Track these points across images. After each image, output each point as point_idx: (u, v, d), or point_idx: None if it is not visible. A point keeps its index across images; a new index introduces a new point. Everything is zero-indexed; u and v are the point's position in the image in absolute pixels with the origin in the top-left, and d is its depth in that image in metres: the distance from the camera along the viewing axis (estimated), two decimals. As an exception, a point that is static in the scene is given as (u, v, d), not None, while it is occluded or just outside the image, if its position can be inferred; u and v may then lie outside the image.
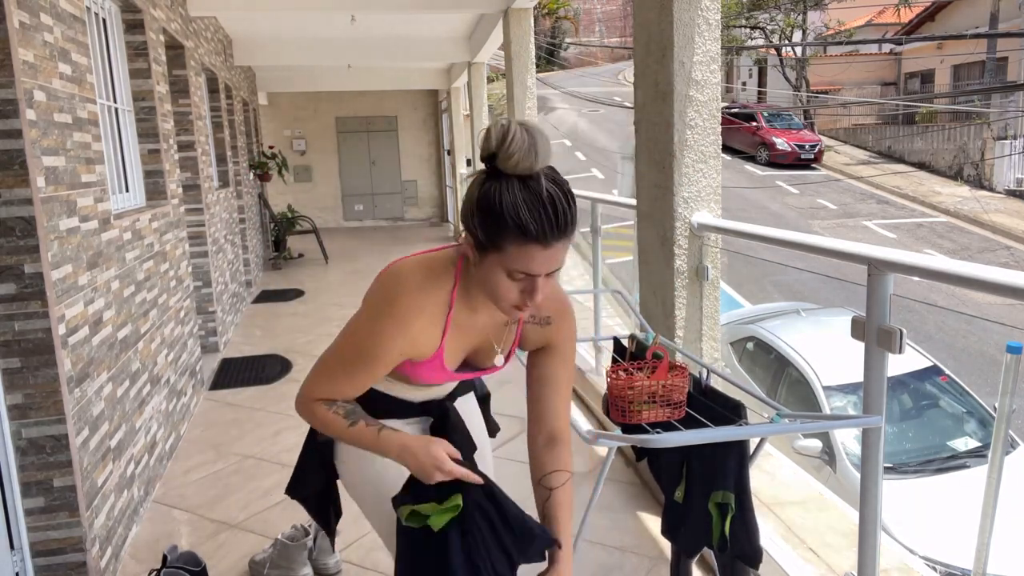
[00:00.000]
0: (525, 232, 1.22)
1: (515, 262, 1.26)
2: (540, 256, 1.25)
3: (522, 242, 1.23)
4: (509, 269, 1.27)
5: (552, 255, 1.25)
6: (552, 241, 1.24)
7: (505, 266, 1.27)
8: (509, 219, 1.22)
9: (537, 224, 1.22)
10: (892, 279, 1.76)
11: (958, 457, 4.99)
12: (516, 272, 1.27)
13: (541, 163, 1.23)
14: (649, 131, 2.89)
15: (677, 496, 1.98)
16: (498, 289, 1.30)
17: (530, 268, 1.26)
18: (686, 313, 2.84)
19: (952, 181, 19.27)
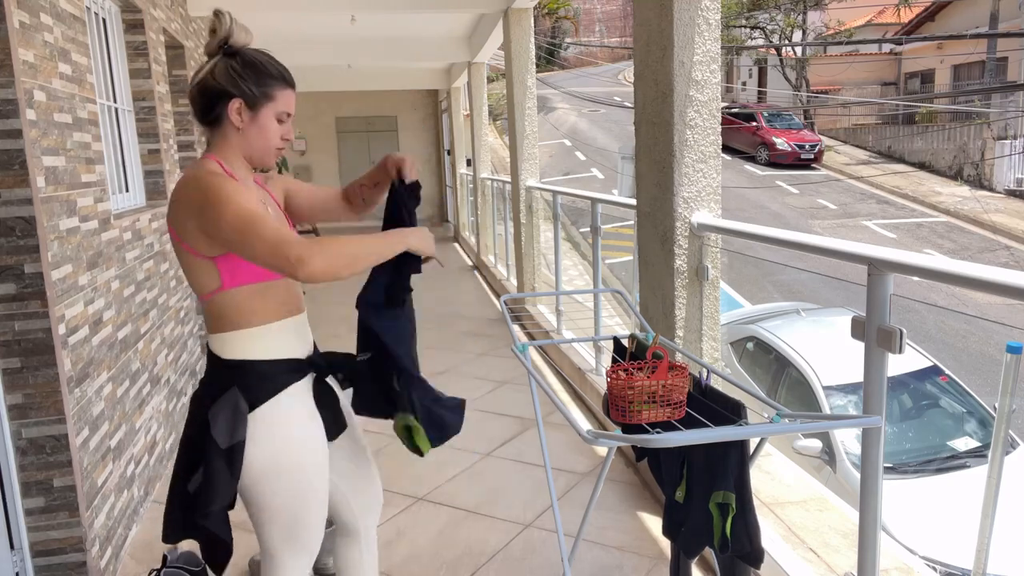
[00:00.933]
0: (285, 79, 1.64)
1: (282, 105, 1.64)
2: (292, 98, 1.66)
3: (284, 87, 1.64)
4: (279, 113, 1.64)
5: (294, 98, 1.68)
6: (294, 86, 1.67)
7: (276, 111, 1.63)
8: (272, 70, 1.62)
9: (288, 73, 1.65)
10: (892, 279, 1.76)
11: (958, 457, 4.99)
12: (283, 114, 1.65)
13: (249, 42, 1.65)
14: (649, 131, 2.89)
15: (678, 496, 1.98)
16: (270, 135, 1.64)
17: (290, 108, 1.66)
18: (686, 313, 2.84)
19: (952, 181, 19.27)
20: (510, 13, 6.52)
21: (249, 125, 1.62)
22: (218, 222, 1.48)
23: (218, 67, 1.59)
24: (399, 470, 3.54)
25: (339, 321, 6.78)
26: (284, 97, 1.64)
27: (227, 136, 1.63)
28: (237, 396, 1.58)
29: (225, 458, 1.55)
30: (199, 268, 1.57)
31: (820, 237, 2.21)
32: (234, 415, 1.56)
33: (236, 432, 1.56)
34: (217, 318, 1.61)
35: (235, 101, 1.59)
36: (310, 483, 1.66)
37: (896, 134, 22.94)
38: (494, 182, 8.92)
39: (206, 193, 1.50)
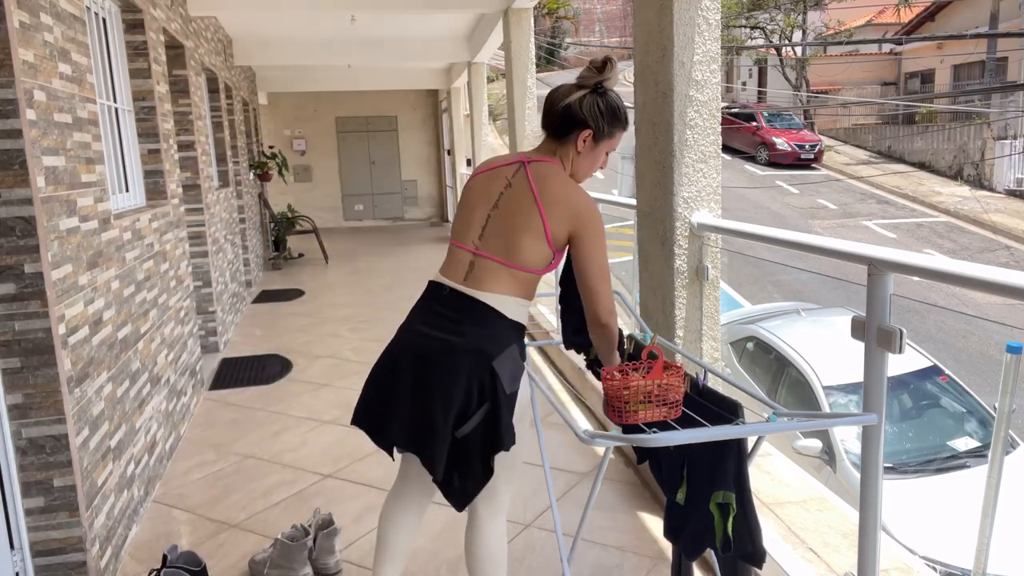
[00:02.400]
0: (626, 124, 2.00)
1: (613, 143, 2.00)
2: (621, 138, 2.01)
3: (622, 131, 1.99)
4: (608, 149, 2.01)
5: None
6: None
7: (607, 148, 2.00)
8: (623, 117, 1.98)
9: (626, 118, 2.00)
10: (892, 279, 1.76)
11: (958, 457, 4.99)
12: (609, 150, 2.01)
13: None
14: (649, 131, 2.89)
15: (679, 498, 1.97)
16: (598, 163, 2.02)
17: (614, 146, 2.01)
18: (686, 313, 2.84)
19: (952, 181, 19.27)
20: (510, 13, 6.52)
21: (588, 152, 1.97)
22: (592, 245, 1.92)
23: (586, 100, 1.93)
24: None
25: (340, 321, 6.79)
26: (617, 137, 2.00)
27: (568, 153, 1.98)
28: (516, 350, 1.92)
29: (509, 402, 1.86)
30: (541, 248, 1.91)
31: (820, 237, 2.21)
32: (516, 367, 1.90)
33: (516, 380, 1.89)
34: (519, 285, 1.94)
35: (587, 131, 1.94)
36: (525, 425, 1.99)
37: (896, 134, 22.93)
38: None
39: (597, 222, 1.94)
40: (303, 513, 3.14)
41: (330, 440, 3.96)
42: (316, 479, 3.50)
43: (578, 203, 1.91)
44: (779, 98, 27.88)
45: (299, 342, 6.02)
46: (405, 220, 15.38)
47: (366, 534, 2.95)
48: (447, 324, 1.91)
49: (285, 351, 5.75)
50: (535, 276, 1.94)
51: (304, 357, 5.58)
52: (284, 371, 5.26)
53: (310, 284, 8.77)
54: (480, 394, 1.83)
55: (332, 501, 3.26)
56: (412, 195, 15.35)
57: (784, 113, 24.16)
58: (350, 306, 7.45)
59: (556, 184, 1.92)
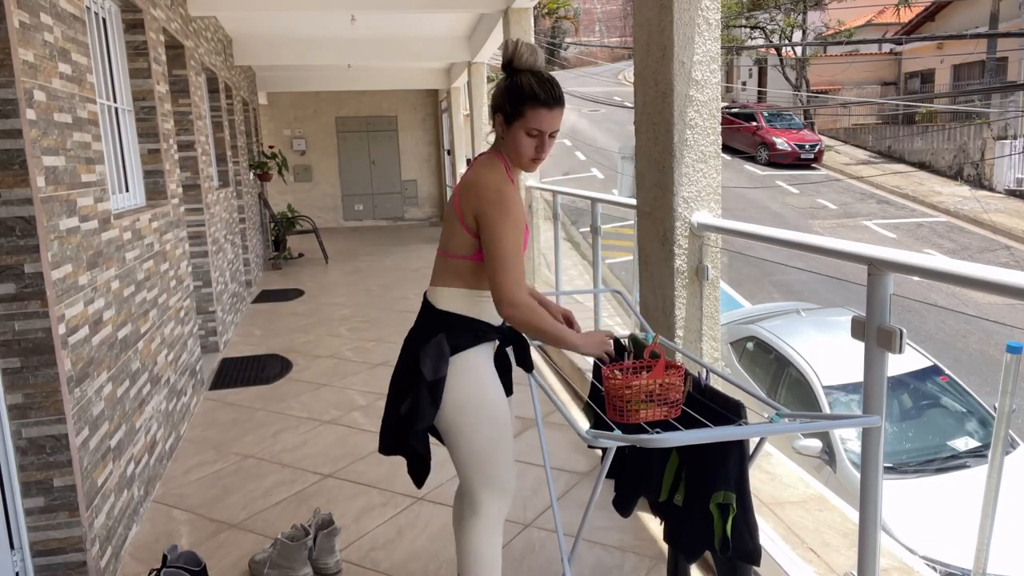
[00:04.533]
0: (536, 98, 1.87)
1: (531, 122, 1.88)
2: (546, 116, 1.88)
3: (535, 106, 1.87)
4: (528, 129, 1.89)
5: (553, 117, 1.90)
6: (552, 105, 1.88)
7: (525, 127, 1.89)
8: (528, 91, 1.87)
9: (544, 94, 1.87)
10: (892, 279, 1.76)
11: (958, 457, 4.99)
12: (532, 130, 1.89)
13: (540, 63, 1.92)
14: (649, 131, 2.89)
15: (677, 500, 1.97)
16: (521, 147, 1.91)
17: (540, 125, 1.89)
18: (686, 313, 2.84)
19: (952, 181, 19.26)
20: (510, 13, 6.52)
21: (506, 136, 1.94)
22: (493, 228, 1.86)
23: (497, 86, 1.94)
24: (399, 470, 3.54)
25: (340, 321, 6.79)
26: (534, 115, 1.88)
27: (498, 142, 1.98)
28: (442, 340, 1.93)
29: (429, 389, 1.90)
30: (462, 236, 1.93)
31: (820, 237, 2.21)
32: (438, 355, 1.91)
33: (439, 369, 1.91)
34: (453, 274, 1.96)
35: (498, 115, 1.93)
36: (497, 423, 1.99)
37: (896, 134, 22.93)
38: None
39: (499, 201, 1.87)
40: (303, 513, 3.14)
41: (330, 440, 3.96)
42: (316, 479, 3.50)
43: (481, 185, 1.90)
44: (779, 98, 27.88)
45: (299, 342, 6.02)
46: (405, 220, 15.38)
47: (366, 534, 2.96)
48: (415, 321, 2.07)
49: (285, 351, 5.75)
50: (466, 263, 1.94)
51: (304, 357, 5.58)
52: (284, 371, 5.26)
53: (310, 284, 8.77)
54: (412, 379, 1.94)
55: (332, 501, 3.26)
56: (412, 195, 15.35)
57: (784, 113, 24.16)
58: (350, 306, 7.45)
59: (471, 170, 1.96)
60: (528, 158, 1.93)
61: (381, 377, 4.97)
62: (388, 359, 5.36)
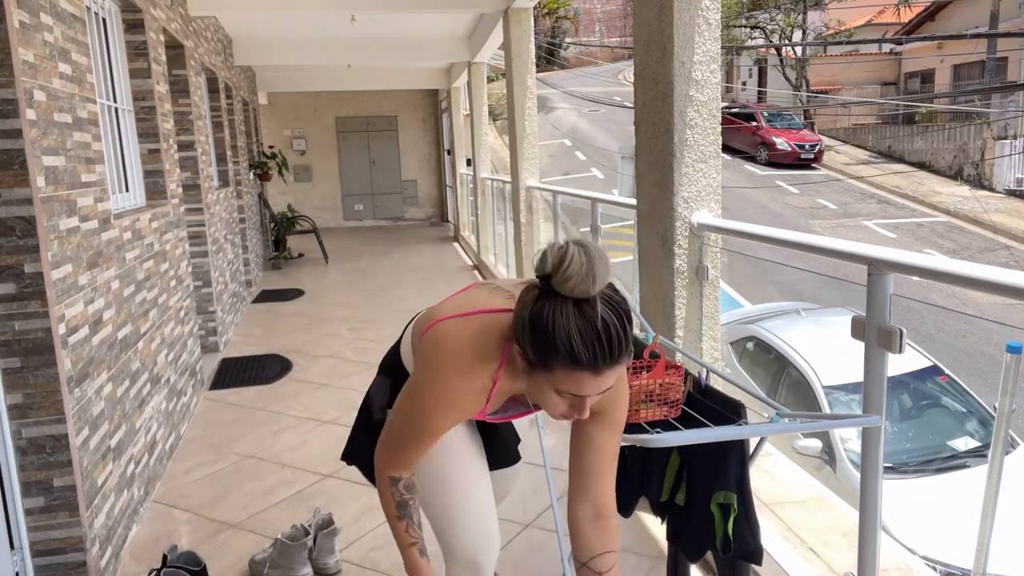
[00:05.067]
0: (576, 361, 1.23)
1: (564, 384, 1.27)
2: (590, 382, 1.26)
3: (572, 369, 1.24)
4: (558, 389, 1.29)
5: (603, 381, 1.26)
6: (603, 370, 1.24)
7: (553, 385, 1.29)
8: (561, 346, 1.22)
9: (589, 354, 1.22)
10: (892, 279, 1.76)
11: (958, 457, 4.99)
12: (564, 392, 1.29)
13: (598, 287, 1.21)
14: (649, 131, 2.89)
15: (679, 499, 1.97)
16: (545, 401, 1.34)
17: (580, 391, 1.28)
18: (686, 313, 2.84)
19: (952, 181, 19.26)
20: (510, 13, 6.51)
21: (526, 374, 1.33)
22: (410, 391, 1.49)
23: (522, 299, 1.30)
24: (399, 470, 3.54)
25: (340, 321, 6.79)
26: (569, 378, 1.26)
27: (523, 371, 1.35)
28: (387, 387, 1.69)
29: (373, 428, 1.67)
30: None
31: (820, 237, 2.21)
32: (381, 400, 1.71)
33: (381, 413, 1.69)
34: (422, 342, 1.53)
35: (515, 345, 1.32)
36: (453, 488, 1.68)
37: (896, 134, 22.93)
38: (494, 182, 8.92)
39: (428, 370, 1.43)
40: (303, 513, 3.14)
41: (330, 440, 3.96)
42: (316, 479, 3.50)
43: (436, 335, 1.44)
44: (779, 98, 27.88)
45: (299, 342, 6.02)
46: (405, 220, 15.38)
47: (366, 534, 2.96)
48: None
49: (285, 351, 5.75)
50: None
51: (304, 357, 5.58)
52: (284, 371, 5.26)
53: (310, 284, 8.77)
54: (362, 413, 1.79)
55: (332, 501, 3.26)
56: (412, 195, 15.35)
57: (784, 113, 24.16)
58: (350, 306, 7.45)
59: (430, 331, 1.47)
60: (557, 413, 1.35)
61: (381, 377, 4.97)
62: (388, 359, 5.35)
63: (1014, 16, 20.44)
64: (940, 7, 23.97)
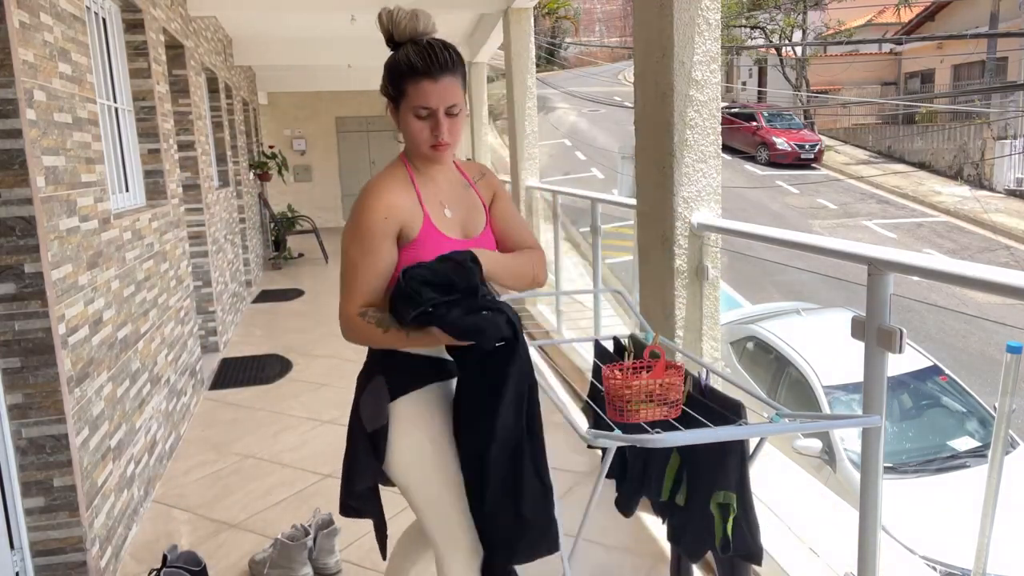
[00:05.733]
0: (414, 70, 1.53)
1: (415, 99, 1.55)
2: (432, 90, 1.54)
3: (415, 79, 1.53)
4: (414, 107, 1.55)
5: (443, 89, 1.54)
6: (436, 74, 1.54)
7: (411, 108, 1.56)
8: (403, 64, 1.55)
9: (423, 62, 1.53)
10: (892, 279, 1.76)
11: (958, 457, 4.99)
12: (419, 108, 1.55)
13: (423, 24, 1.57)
14: (649, 131, 2.89)
15: (679, 500, 1.97)
16: (414, 133, 1.58)
17: (428, 102, 1.55)
18: (686, 313, 2.84)
19: (952, 181, 19.26)
20: (510, 13, 6.51)
21: (397, 124, 1.63)
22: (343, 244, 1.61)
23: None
24: (399, 470, 3.54)
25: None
26: (416, 90, 1.55)
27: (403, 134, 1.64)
28: (382, 385, 1.65)
29: (368, 441, 1.65)
30: None
31: (820, 237, 2.21)
32: (377, 403, 1.65)
33: (378, 418, 1.64)
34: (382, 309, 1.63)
35: (389, 104, 1.63)
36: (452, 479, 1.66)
37: (896, 134, 22.93)
38: (494, 182, 8.91)
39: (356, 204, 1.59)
40: (303, 513, 3.14)
41: (330, 440, 3.96)
42: (316, 479, 3.50)
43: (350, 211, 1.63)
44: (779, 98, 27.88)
45: (299, 342, 6.02)
46: (405, 220, 15.36)
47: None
48: None
49: (285, 351, 5.75)
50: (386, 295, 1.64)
51: (304, 357, 5.58)
52: (284, 371, 5.26)
53: (310, 284, 8.77)
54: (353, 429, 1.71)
55: (332, 501, 3.24)
56: (412, 195, 15.35)
57: (784, 113, 24.16)
58: (350, 306, 7.45)
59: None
60: (426, 145, 1.59)
61: (381, 377, 4.97)
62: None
63: (1014, 16, 20.44)
64: (940, 7, 23.97)
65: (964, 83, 22.90)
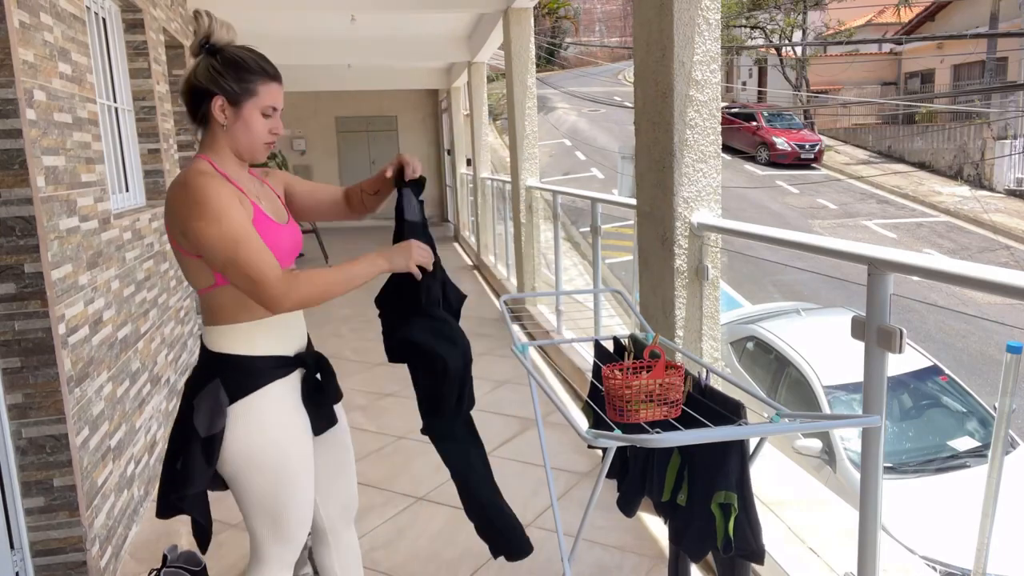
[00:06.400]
0: (267, 74, 1.67)
1: (266, 99, 1.66)
2: (278, 92, 1.70)
3: (268, 82, 1.66)
4: (263, 107, 1.66)
5: (281, 93, 1.71)
6: (280, 80, 1.71)
7: (260, 106, 1.66)
8: (256, 66, 1.65)
9: (272, 68, 1.69)
10: (892, 279, 1.76)
11: (958, 457, 4.99)
12: (268, 108, 1.67)
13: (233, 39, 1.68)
14: (649, 131, 2.89)
15: (680, 500, 1.97)
16: (256, 130, 1.67)
17: (276, 102, 1.69)
18: (686, 313, 2.84)
19: (952, 181, 19.27)
20: (510, 13, 6.52)
21: (234, 122, 1.65)
22: (201, 239, 1.54)
23: (200, 66, 1.64)
24: (399, 470, 3.54)
25: (341, 321, 6.79)
26: (267, 91, 1.67)
27: (215, 134, 1.66)
28: (219, 388, 1.63)
29: (203, 447, 1.62)
30: (192, 265, 1.62)
31: (820, 237, 2.21)
32: (214, 407, 1.62)
33: (215, 423, 1.61)
34: (211, 311, 1.66)
35: (218, 99, 1.63)
36: (291, 478, 1.72)
37: (896, 134, 22.94)
38: (494, 182, 8.93)
39: (192, 204, 1.54)
40: (303, 513, 3.13)
41: (330, 440, 3.95)
42: (316, 479, 3.50)
43: (172, 200, 1.59)
44: (779, 98, 27.89)
45: (299, 342, 6.00)
46: (405, 220, 15.36)
47: (366, 534, 2.96)
48: None
49: (285, 351, 5.74)
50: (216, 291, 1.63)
51: (304, 357, 5.57)
52: (284, 371, 5.25)
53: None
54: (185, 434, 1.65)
55: (332, 501, 3.25)
56: (412, 195, 15.34)
57: (784, 113, 24.17)
58: (350, 306, 7.45)
59: (168, 191, 1.62)
60: (263, 141, 1.69)
61: (381, 377, 4.97)
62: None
63: (1014, 16, 20.45)
64: (940, 7, 23.97)
65: (964, 83, 22.91)
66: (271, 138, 1.71)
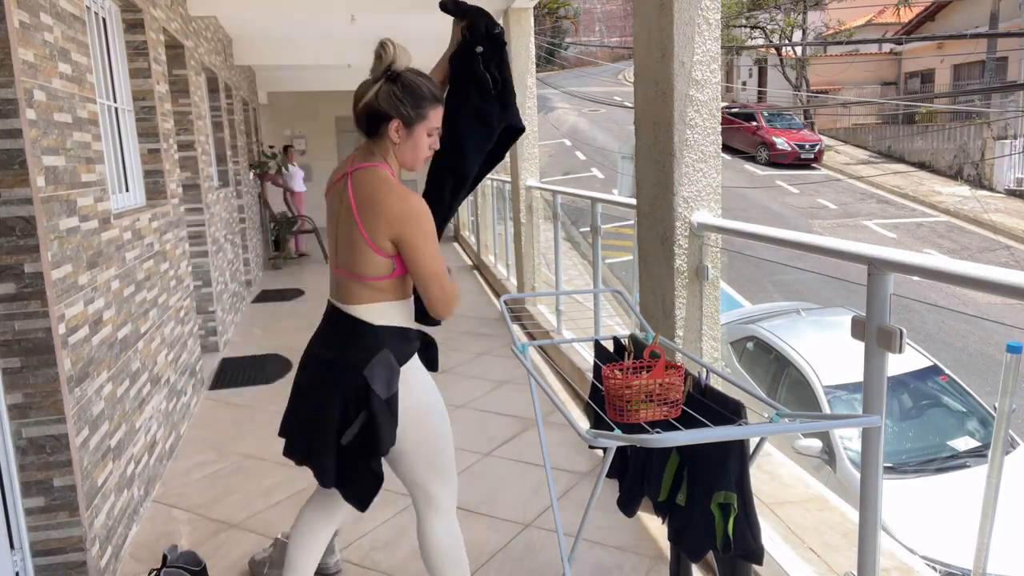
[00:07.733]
0: (436, 99, 1.93)
1: (434, 120, 1.93)
2: (441, 113, 1.96)
3: (436, 106, 1.93)
4: (430, 128, 1.93)
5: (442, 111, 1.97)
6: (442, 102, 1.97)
7: (428, 128, 1.92)
8: (428, 92, 1.91)
9: (439, 91, 1.95)
10: (892, 279, 1.76)
11: (958, 457, 4.99)
12: (432, 129, 1.94)
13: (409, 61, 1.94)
14: (649, 131, 2.89)
15: (679, 500, 1.97)
16: (421, 147, 1.94)
17: (439, 123, 1.96)
18: (686, 313, 2.84)
19: (952, 181, 19.27)
20: (510, 13, 6.52)
21: (405, 140, 1.91)
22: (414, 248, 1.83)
23: (382, 91, 1.89)
24: (399, 470, 3.54)
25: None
26: (435, 115, 1.93)
27: (387, 148, 1.93)
28: (389, 355, 1.89)
29: (387, 407, 1.87)
30: (375, 259, 1.85)
31: (820, 237, 2.21)
32: (390, 371, 1.88)
33: (392, 385, 1.88)
34: (375, 292, 1.89)
35: (394, 122, 1.88)
36: (445, 424, 2.04)
37: (896, 134, 22.94)
38: (494, 182, 8.93)
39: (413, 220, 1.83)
40: (303, 513, 3.13)
41: (330, 440, 3.95)
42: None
43: (392, 207, 1.83)
44: (779, 98, 27.89)
45: (299, 342, 5.97)
46: (405, 220, 15.36)
47: (366, 534, 2.96)
48: (328, 339, 2.00)
49: (285, 351, 5.75)
50: (387, 282, 1.89)
51: (304, 357, 5.57)
52: (284, 371, 5.26)
53: (310, 284, 8.77)
54: (357, 403, 1.88)
55: (332, 501, 3.25)
56: (412, 195, 15.34)
57: (784, 113, 24.17)
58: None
59: (369, 190, 1.86)
60: (424, 157, 1.98)
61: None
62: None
63: (1014, 16, 20.45)
64: (940, 7, 23.98)
65: (964, 83, 22.91)
66: (430, 153, 1.98)
